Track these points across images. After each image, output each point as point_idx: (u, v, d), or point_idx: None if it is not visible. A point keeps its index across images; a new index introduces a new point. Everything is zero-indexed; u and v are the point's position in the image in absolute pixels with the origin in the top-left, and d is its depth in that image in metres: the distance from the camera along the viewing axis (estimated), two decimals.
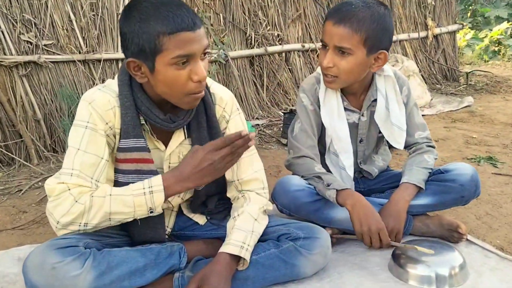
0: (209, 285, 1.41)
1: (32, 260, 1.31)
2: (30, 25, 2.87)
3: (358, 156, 1.99)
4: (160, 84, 1.41)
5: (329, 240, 1.61)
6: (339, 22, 1.69)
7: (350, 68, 1.73)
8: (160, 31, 1.32)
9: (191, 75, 1.39)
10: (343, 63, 1.72)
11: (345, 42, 1.68)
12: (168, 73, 1.38)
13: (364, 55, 1.71)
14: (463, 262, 1.61)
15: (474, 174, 1.84)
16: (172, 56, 1.35)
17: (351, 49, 1.69)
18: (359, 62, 1.72)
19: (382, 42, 1.73)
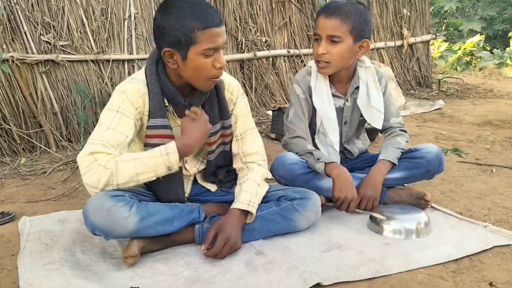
0: (224, 232, 1.77)
1: (92, 204, 1.65)
2: (49, 27, 3.21)
3: (342, 136, 2.35)
4: (189, 69, 1.76)
5: (319, 200, 1.99)
6: (330, 15, 2.09)
7: (341, 54, 2.11)
8: (195, 26, 1.67)
9: (214, 63, 1.75)
10: (335, 50, 2.10)
11: (336, 31, 2.08)
12: (198, 61, 1.73)
13: (351, 42, 2.10)
14: (427, 220, 1.99)
15: (438, 152, 2.23)
16: (204, 47, 1.70)
17: (341, 37, 2.08)
18: (347, 49, 2.11)
19: (365, 32, 2.13)
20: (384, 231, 1.96)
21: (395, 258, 1.76)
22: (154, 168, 1.71)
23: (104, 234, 1.67)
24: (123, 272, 1.68)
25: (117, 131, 1.75)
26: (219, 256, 1.75)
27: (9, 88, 3.05)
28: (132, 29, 3.57)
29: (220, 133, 1.98)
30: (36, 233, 1.99)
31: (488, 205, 2.24)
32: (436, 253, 1.78)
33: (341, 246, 1.87)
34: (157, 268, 1.71)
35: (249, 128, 2.04)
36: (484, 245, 1.83)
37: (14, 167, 2.82)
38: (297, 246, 1.86)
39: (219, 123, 1.96)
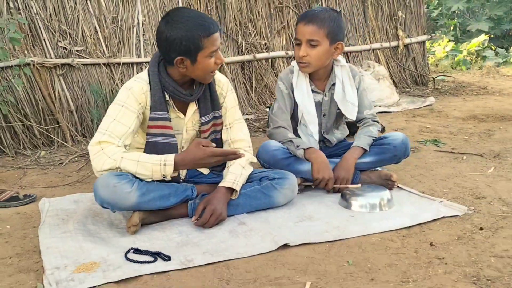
0: (211, 205, 2.10)
1: (100, 182, 1.99)
2: (65, 35, 3.59)
3: (322, 127, 2.67)
4: (198, 70, 2.11)
5: (295, 180, 2.32)
6: (308, 22, 2.43)
7: (319, 55, 2.45)
8: (202, 35, 2.03)
9: (216, 60, 2.12)
10: (314, 52, 2.43)
11: (314, 36, 2.41)
12: (206, 62, 2.09)
13: (328, 45, 2.44)
14: (390, 197, 2.31)
15: (404, 139, 2.54)
16: (209, 51, 2.06)
17: (319, 41, 2.41)
18: (324, 51, 2.44)
19: (339, 36, 2.46)
20: (352, 206, 2.28)
21: (355, 226, 2.08)
22: (151, 173, 2.04)
23: (110, 206, 2.01)
24: (126, 238, 2.02)
25: (121, 123, 2.09)
26: (206, 225, 2.08)
27: (30, 89, 3.43)
28: (140, 35, 3.92)
29: (212, 122, 2.32)
30: (54, 210, 2.34)
31: (450, 186, 2.54)
32: (392, 222, 2.09)
33: (312, 217, 2.19)
34: (155, 235, 2.04)
35: (236, 119, 2.38)
36: (435, 215, 2.13)
37: (35, 159, 3.19)
38: (274, 218, 2.18)
39: (211, 113, 2.30)
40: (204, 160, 2.07)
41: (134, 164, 2.03)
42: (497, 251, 1.79)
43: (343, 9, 5.41)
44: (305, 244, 1.91)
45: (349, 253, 1.83)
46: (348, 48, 5.49)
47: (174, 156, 2.06)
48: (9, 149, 3.29)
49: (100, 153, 2.02)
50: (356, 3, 5.54)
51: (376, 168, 2.61)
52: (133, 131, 2.13)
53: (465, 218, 2.12)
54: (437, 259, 1.75)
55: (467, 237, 1.92)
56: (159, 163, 2.04)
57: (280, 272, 1.69)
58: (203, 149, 2.06)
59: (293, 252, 1.85)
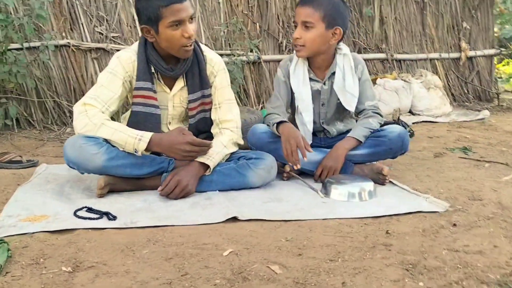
0: (177, 176, 2.09)
1: (68, 141, 2.06)
2: (102, 20, 3.77)
3: (321, 116, 2.58)
4: (163, 41, 2.13)
5: (273, 162, 2.26)
6: (304, 4, 2.36)
7: (313, 38, 2.35)
8: (159, 4, 2.04)
9: (183, 33, 2.10)
10: (308, 35, 2.35)
11: (309, 17, 2.33)
12: (167, 33, 2.09)
13: (323, 29, 2.34)
14: (372, 189, 2.17)
15: (401, 132, 2.39)
16: (168, 21, 2.06)
17: (313, 23, 2.33)
18: (319, 34, 2.35)
19: (337, 21, 2.36)
20: (331, 194, 2.17)
21: (321, 209, 1.97)
22: (124, 144, 2.07)
23: (76, 166, 2.06)
24: (91, 199, 2.05)
25: (108, 89, 2.15)
26: (171, 196, 2.07)
27: (65, 69, 3.64)
28: None
29: (200, 101, 2.32)
30: (46, 174, 2.45)
31: (450, 187, 2.34)
32: (362, 211, 1.96)
33: (282, 200, 2.11)
34: (119, 200, 2.06)
35: (226, 99, 2.36)
36: (412, 209, 1.97)
37: (59, 134, 3.37)
38: (243, 197, 2.12)
39: (199, 91, 2.30)
40: (180, 146, 2.06)
41: (111, 132, 2.07)
42: (455, 245, 1.62)
43: (398, 15, 5.23)
44: (257, 220, 1.84)
45: (295, 231, 1.74)
46: (402, 55, 5.29)
47: (152, 135, 2.07)
48: (37, 123, 3.50)
49: (83, 114, 2.08)
50: (414, 10, 5.33)
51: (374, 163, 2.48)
52: (119, 97, 2.18)
53: (444, 215, 1.94)
54: (383, 245, 1.61)
55: (432, 231, 1.75)
56: (134, 136, 2.06)
57: (212, 239, 1.64)
58: (183, 136, 2.07)
59: (240, 225, 1.79)
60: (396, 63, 5.29)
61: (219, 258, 1.48)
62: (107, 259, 1.47)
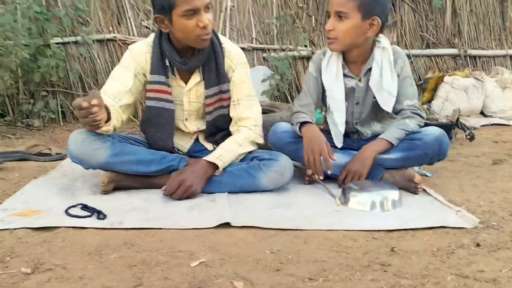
0: (181, 175, 1.98)
1: (72, 136, 2.01)
2: (149, 14, 3.75)
3: (354, 116, 2.34)
4: (177, 31, 2.01)
5: (288, 164, 2.07)
6: None
7: (347, 30, 2.11)
8: None
9: (198, 23, 1.97)
10: (341, 26, 2.11)
11: (342, 7, 2.09)
12: (181, 22, 1.97)
13: (359, 19, 2.09)
14: (397, 198, 1.93)
15: (439, 135, 2.11)
16: (182, 10, 1.94)
17: (347, 13, 2.08)
18: (354, 25, 2.10)
19: (375, 10, 2.10)
20: (350, 201, 1.95)
21: (328, 219, 1.77)
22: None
23: (79, 162, 2.01)
24: (95, 196, 2.00)
25: (119, 82, 2.09)
26: (174, 196, 1.96)
27: (111, 63, 3.66)
28: (227, 20, 3.93)
29: (217, 96, 2.19)
30: (67, 168, 2.43)
31: (494, 200, 2.02)
32: (375, 223, 1.74)
33: (291, 206, 1.92)
34: (120, 197, 1.99)
35: (245, 95, 2.21)
36: (433, 223, 1.71)
37: None
38: (251, 201, 1.96)
39: (216, 86, 2.17)
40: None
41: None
42: (467, 270, 1.36)
43: (474, 7, 4.78)
44: (252, 227, 1.68)
45: (287, 242, 1.56)
46: (476, 51, 4.84)
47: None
48: None
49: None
50: (493, 2, 4.85)
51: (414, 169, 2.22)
52: (130, 90, 2.09)
53: (471, 232, 1.66)
54: (380, 265, 1.39)
55: (447, 251, 1.50)
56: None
57: (190, 246, 1.50)
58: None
59: (230, 232, 1.64)
60: (470, 59, 4.84)
61: (185, 269, 1.35)
62: (69, 262, 1.38)
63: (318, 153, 2.05)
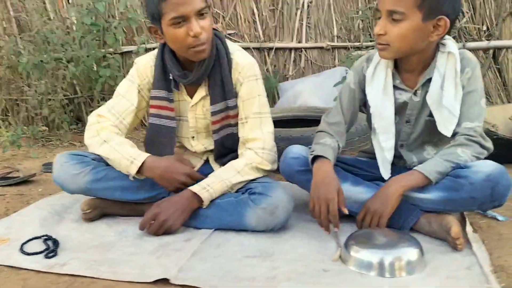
0: (157, 208, 1.72)
1: (55, 159, 1.87)
2: (217, 17, 3.53)
3: (401, 137, 1.83)
4: (169, 41, 1.77)
5: (282, 201, 1.70)
6: None
7: (403, 35, 1.62)
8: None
9: (188, 31, 1.70)
10: (395, 30, 1.62)
11: (398, 5, 1.59)
12: (170, 32, 1.72)
13: (419, 20, 1.59)
14: (415, 259, 1.44)
15: (492, 173, 1.54)
16: (169, 18, 1.68)
17: (404, 14, 1.59)
18: (414, 28, 1.60)
19: (443, 6, 1.58)
20: (349, 262, 1.50)
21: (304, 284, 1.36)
22: (118, 164, 1.80)
23: (60, 186, 1.87)
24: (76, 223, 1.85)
25: (126, 98, 1.92)
26: (148, 232, 1.72)
27: None
28: (304, 18, 3.55)
29: (224, 113, 1.90)
30: None
31: None
32: None
33: (272, 256, 1.55)
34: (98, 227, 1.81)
35: (254, 112, 1.87)
36: None
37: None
38: (231, 244, 1.64)
39: (222, 102, 1.88)
40: (176, 176, 1.78)
41: (110, 150, 1.82)
42: None
43: None
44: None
45: None
46: None
47: (147, 157, 1.78)
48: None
49: (94, 125, 1.88)
50: None
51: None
52: (136, 108, 1.92)
53: None
54: None
55: None
56: (128, 157, 1.78)
57: None
58: (181, 165, 1.80)
59: None
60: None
61: None
62: None
63: (326, 203, 1.62)
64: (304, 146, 1.89)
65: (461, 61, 1.68)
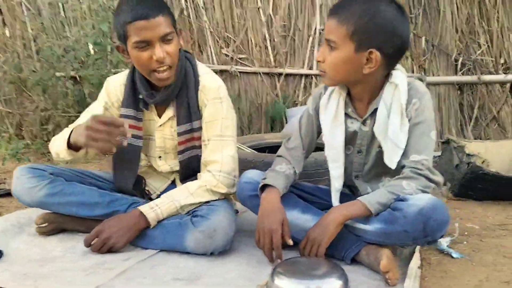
0: (102, 225, 1.75)
1: (14, 172, 1.93)
2: (229, 42, 3.61)
3: (354, 168, 1.81)
4: (134, 63, 1.82)
5: (221, 224, 1.70)
6: (330, 13, 1.65)
7: (335, 63, 1.62)
8: (125, 20, 1.72)
9: (152, 55, 1.74)
10: (329, 58, 1.63)
11: (332, 34, 1.61)
12: (134, 54, 1.77)
13: (352, 51, 1.59)
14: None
15: (425, 207, 1.47)
16: (133, 41, 1.73)
17: (336, 42, 1.60)
18: (346, 58, 1.60)
19: (374, 40, 1.57)
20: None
21: None
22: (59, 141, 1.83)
23: (17, 198, 1.92)
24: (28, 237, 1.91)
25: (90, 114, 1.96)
26: (92, 249, 1.74)
27: None
28: (316, 45, 3.56)
29: (189, 135, 1.93)
30: None
31: None
32: None
33: (197, 280, 1.53)
34: (49, 243, 1.85)
35: (215, 135, 1.88)
36: None
37: None
38: (166, 267, 1.64)
39: (187, 123, 1.92)
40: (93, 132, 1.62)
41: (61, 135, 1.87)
42: None
43: None
44: None
45: None
46: None
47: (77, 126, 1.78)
48: None
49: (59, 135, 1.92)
50: None
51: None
52: None
53: None
54: None
55: None
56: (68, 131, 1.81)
57: None
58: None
59: None
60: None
61: None
62: None
63: (269, 234, 1.61)
64: (260, 171, 1.89)
65: (409, 92, 1.63)
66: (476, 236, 2.01)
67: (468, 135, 3.51)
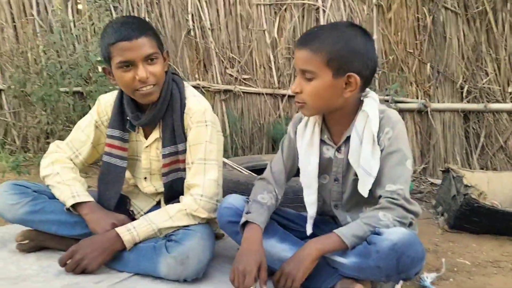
0: (77, 246, 1.74)
1: None
2: (234, 62, 3.62)
3: (332, 196, 1.78)
4: (118, 83, 1.84)
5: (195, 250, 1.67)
6: (301, 45, 1.64)
7: (316, 93, 1.61)
8: (109, 42, 1.76)
9: (135, 76, 1.76)
10: (309, 88, 1.61)
11: (307, 64, 1.60)
12: (117, 74, 1.79)
13: (330, 77, 1.58)
14: None
15: (399, 243, 1.43)
16: (116, 61, 1.76)
17: (314, 72, 1.59)
18: (326, 85, 1.59)
19: (351, 65, 1.57)
20: None
21: None
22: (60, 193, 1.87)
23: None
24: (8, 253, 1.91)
25: (84, 133, 1.99)
26: (66, 269, 1.73)
27: None
28: None
29: (173, 157, 1.92)
30: None
31: None
32: None
33: None
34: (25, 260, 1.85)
35: (199, 158, 1.86)
36: None
37: None
38: None
39: (172, 146, 1.91)
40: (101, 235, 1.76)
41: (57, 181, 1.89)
42: None
43: None
44: None
45: None
46: None
47: (90, 201, 1.85)
48: None
49: (52, 154, 1.97)
50: None
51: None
52: (91, 143, 1.98)
53: None
54: None
55: None
56: (71, 195, 1.85)
57: None
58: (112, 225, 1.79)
59: None
60: None
61: None
62: None
63: (243, 275, 1.57)
64: (241, 195, 1.86)
65: (382, 120, 1.61)
66: (465, 273, 1.95)
67: (474, 164, 3.42)
